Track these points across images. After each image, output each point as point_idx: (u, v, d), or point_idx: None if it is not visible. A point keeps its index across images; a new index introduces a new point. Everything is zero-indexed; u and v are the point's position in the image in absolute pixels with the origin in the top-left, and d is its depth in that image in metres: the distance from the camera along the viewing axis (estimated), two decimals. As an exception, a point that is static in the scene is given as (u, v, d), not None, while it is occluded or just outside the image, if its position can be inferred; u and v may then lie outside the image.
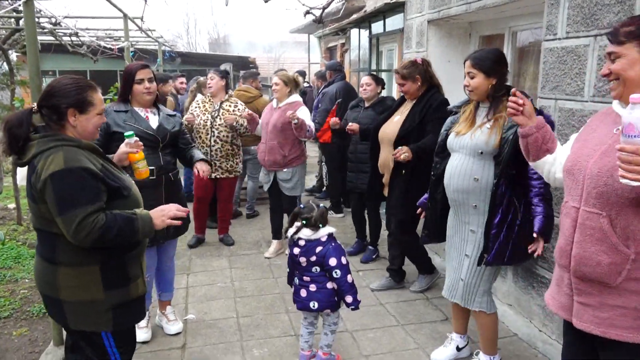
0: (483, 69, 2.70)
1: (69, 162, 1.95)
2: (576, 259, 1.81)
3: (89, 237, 1.93)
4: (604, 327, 1.78)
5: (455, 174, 2.84)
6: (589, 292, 1.81)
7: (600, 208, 1.74)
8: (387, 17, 6.41)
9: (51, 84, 2.09)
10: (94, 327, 2.13)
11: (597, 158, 1.77)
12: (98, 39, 7.19)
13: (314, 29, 11.95)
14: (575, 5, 2.95)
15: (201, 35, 38.65)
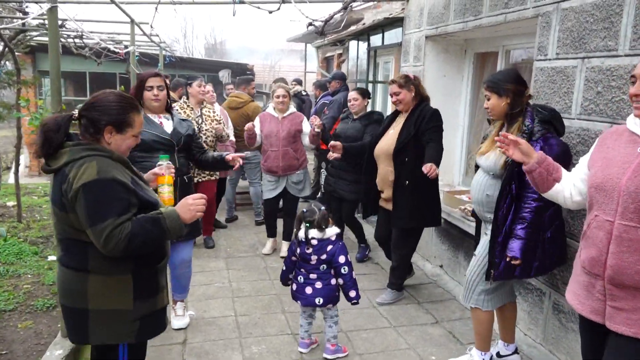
0: (495, 90, 2.91)
1: (102, 172, 1.94)
2: (614, 269, 1.93)
3: (118, 246, 1.92)
4: (635, 328, 1.91)
5: (474, 187, 3.11)
6: (624, 297, 1.93)
7: (637, 222, 1.87)
8: (385, 31, 6.61)
9: (97, 97, 2.10)
10: (115, 339, 2.11)
11: (629, 176, 1.89)
12: (102, 42, 7.31)
13: (312, 38, 12.14)
14: (565, 29, 3.15)
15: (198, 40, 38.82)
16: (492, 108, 2.95)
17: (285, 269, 3.39)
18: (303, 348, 3.40)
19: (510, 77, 2.91)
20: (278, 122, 5.11)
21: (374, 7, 8.80)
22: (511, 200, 2.81)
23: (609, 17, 2.82)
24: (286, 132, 5.08)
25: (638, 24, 2.64)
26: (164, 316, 2.29)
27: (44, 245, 5.38)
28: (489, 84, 2.95)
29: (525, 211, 2.76)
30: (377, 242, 4.55)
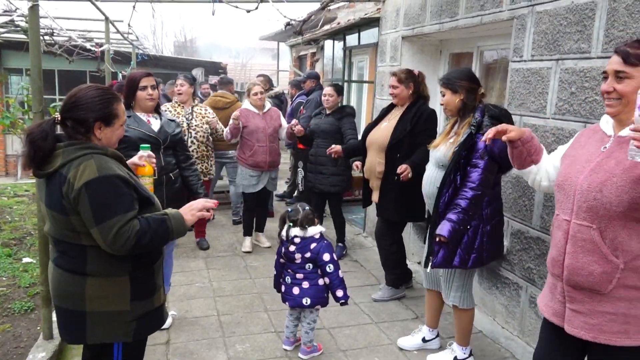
0: (449, 87, 3.06)
1: (102, 170, 1.92)
2: (569, 269, 1.91)
3: (127, 244, 1.91)
4: (594, 333, 1.88)
5: (426, 181, 3.23)
6: (581, 300, 1.91)
7: (590, 221, 1.85)
8: (361, 31, 6.68)
9: (76, 95, 2.03)
10: (113, 338, 2.09)
11: (587, 174, 1.88)
12: (72, 39, 7.18)
13: (284, 36, 12.16)
14: (540, 31, 3.26)
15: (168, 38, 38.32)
16: (446, 104, 3.10)
17: (275, 273, 3.42)
18: (287, 345, 3.43)
19: (464, 75, 3.07)
20: (261, 118, 5.20)
21: (348, 7, 8.87)
22: (454, 190, 2.93)
23: (582, 20, 2.94)
24: (272, 129, 5.25)
25: (610, 28, 2.76)
26: (162, 313, 2.28)
27: (18, 247, 5.26)
28: (444, 80, 3.10)
29: (461, 198, 2.88)
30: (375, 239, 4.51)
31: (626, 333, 1.84)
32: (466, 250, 2.95)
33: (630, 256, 1.81)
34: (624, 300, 1.84)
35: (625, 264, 1.81)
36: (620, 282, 1.83)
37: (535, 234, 3.32)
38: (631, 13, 2.64)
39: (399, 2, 5.19)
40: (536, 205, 3.32)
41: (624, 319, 1.84)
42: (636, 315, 1.83)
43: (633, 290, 1.83)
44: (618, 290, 1.84)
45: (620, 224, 1.80)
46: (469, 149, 2.90)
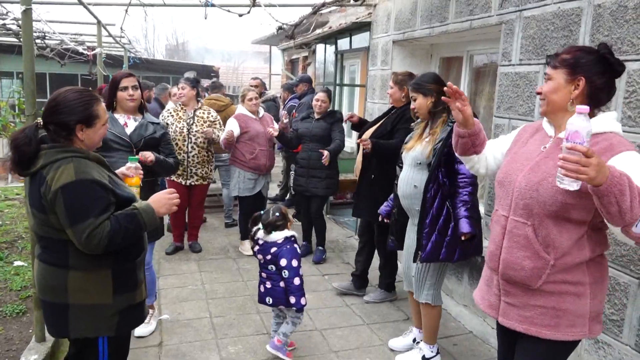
0: (420, 91, 3.15)
1: (80, 174, 1.96)
2: (504, 263, 1.98)
3: (100, 244, 1.96)
4: (526, 325, 1.94)
5: (402, 183, 3.30)
6: (514, 293, 1.97)
7: (525, 218, 1.91)
8: (353, 35, 6.73)
9: (56, 99, 2.06)
10: (96, 332, 2.13)
11: (525, 172, 1.93)
12: (64, 43, 7.17)
13: (277, 40, 12.20)
14: (528, 36, 3.32)
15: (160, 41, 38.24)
16: (418, 108, 3.20)
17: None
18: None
19: (432, 79, 3.20)
20: (259, 122, 5.28)
21: (339, 11, 8.93)
22: (438, 186, 3.03)
23: (568, 25, 3.00)
24: (270, 133, 5.21)
25: (595, 33, 2.82)
26: (143, 309, 2.32)
27: (9, 250, 5.24)
28: (414, 86, 3.20)
29: (464, 195, 3.02)
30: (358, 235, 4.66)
31: (556, 327, 1.90)
32: (451, 244, 3.03)
33: (560, 253, 1.87)
34: (555, 294, 1.90)
35: (555, 260, 1.87)
36: (549, 277, 1.89)
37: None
38: (615, 19, 2.70)
39: (390, 6, 5.25)
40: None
41: (555, 313, 1.90)
42: (566, 309, 1.89)
43: (563, 284, 1.89)
44: (548, 285, 1.90)
45: (553, 222, 1.86)
46: (450, 145, 2.94)
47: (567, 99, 1.87)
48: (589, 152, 1.50)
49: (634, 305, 2.66)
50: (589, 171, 1.51)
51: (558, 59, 1.90)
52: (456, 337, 3.73)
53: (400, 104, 4.05)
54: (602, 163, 1.52)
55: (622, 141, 1.81)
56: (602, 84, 1.85)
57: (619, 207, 1.55)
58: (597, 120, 1.84)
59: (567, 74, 1.87)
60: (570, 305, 1.89)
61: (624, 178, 1.55)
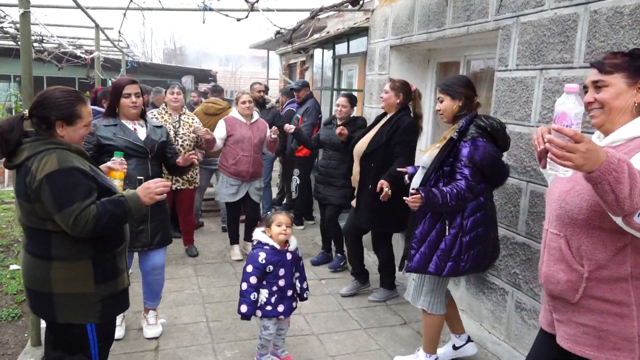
0: (449, 93, 3.05)
1: (62, 162, 2.10)
2: (544, 277, 1.94)
3: (86, 227, 2.08)
4: (570, 343, 1.87)
5: (414, 184, 3.21)
6: (559, 309, 1.92)
7: (558, 229, 1.87)
8: (350, 40, 6.75)
9: (43, 95, 2.21)
10: (82, 319, 2.25)
11: (563, 183, 1.88)
12: (61, 46, 7.17)
13: (274, 45, 12.22)
14: (525, 41, 3.34)
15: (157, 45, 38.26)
16: (444, 110, 3.08)
17: None
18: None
19: (463, 82, 3.08)
20: (248, 127, 5.19)
21: (337, 16, 8.96)
22: None
23: (564, 31, 3.02)
24: (258, 139, 5.24)
25: (591, 39, 2.84)
26: (126, 297, 2.46)
27: (5, 254, 5.23)
28: (443, 86, 3.10)
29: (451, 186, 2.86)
30: (343, 234, 4.69)
31: (599, 348, 1.81)
32: (442, 258, 2.95)
33: (595, 265, 1.78)
34: (595, 313, 1.81)
35: (589, 273, 1.79)
36: (586, 292, 1.81)
37: (521, 239, 3.38)
38: (611, 24, 2.72)
39: (388, 12, 5.27)
40: (521, 212, 3.38)
41: (597, 333, 1.81)
42: (608, 330, 1.79)
43: (602, 302, 1.79)
44: (587, 300, 1.81)
45: (584, 232, 1.79)
46: (453, 156, 2.95)
47: (630, 104, 1.79)
48: (576, 136, 1.42)
49: None
50: (575, 158, 1.42)
51: (609, 64, 1.81)
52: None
53: (393, 110, 4.06)
54: (593, 149, 1.42)
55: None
56: None
57: (615, 196, 1.45)
58: (636, 123, 1.77)
59: (627, 77, 1.79)
60: (612, 327, 1.77)
61: (622, 165, 1.44)
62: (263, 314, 3.18)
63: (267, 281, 3.15)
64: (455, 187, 2.87)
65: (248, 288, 3.13)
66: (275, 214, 3.23)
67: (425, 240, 2.99)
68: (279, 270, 3.14)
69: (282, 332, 3.36)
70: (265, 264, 3.11)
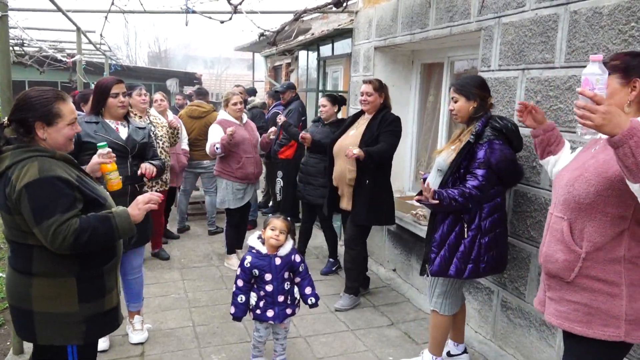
0: (463, 93, 3.02)
1: (44, 172, 1.97)
2: (544, 257, 2.10)
3: (65, 242, 1.95)
4: (561, 320, 2.01)
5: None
6: (553, 287, 2.06)
7: (563, 213, 2.02)
8: (335, 42, 6.75)
9: (19, 98, 2.10)
10: (63, 340, 2.12)
11: (571, 171, 2.04)
12: (42, 50, 7.08)
13: (260, 47, 12.18)
14: (507, 42, 3.36)
15: (142, 48, 37.98)
16: (458, 110, 3.03)
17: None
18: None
19: (477, 83, 3.04)
20: (244, 129, 5.15)
21: (322, 18, 8.97)
22: None
23: (545, 31, 3.05)
24: (255, 139, 5.22)
25: (571, 39, 2.87)
26: (115, 315, 2.30)
27: (-14, 261, 5.14)
28: (457, 86, 3.04)
29: (463, 187, 2.87)
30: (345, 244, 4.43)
31: (588, 324, 1.93)
32: (462, 260, 2.94)
33: (593, 247, 1.92)
34: (588, 291, 1.94)
35: (587, 254, 1.93)
36: (582, 271, 1.94)
37: (506, 239, 3.40)
38: (591, 25, 2.75)
39: (371, 13, 5.28)
40: (507, 212, 3.40)
41: (587, 310, 1.94)
42: (599, 308, 1.92)
43: (596, 281, 1.92)
44: (581, 279, 1.95)
45: (588, 215, 1.92)
46: (469, 158, 2.93)
47: (624, 102, 1.90)
48: (596, 98, 1.54)
49: None
50: (595, 118, 1.53)
51: (608, 66, 1.88)
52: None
53: (375, 110, 4.10)
54: (613, 112, 1.54)
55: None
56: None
57: (635, 159, 1.53)
58: None
59: (621, 77, 1.91)
60: (603, 305, 1.91)
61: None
62: (253, 316, 3.19)
63: (257, 285, 3.14)
64: (463, 187, 2.88)
65: (236, 290, 3.15)
66: (273, 217, 3.19)
67: (445, 243, 2.97)
68: (264, 275, 3.10)
69: (278, 337, 3.29)
70: (250, 268, 3.10)
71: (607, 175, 1.85)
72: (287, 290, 3.16)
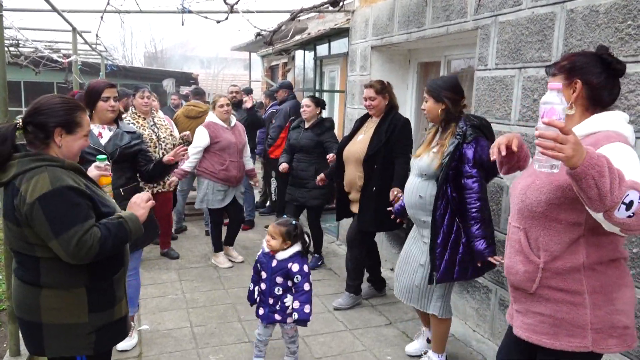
0: (433, 95, 3.05)
1: (55, 182, 1.91)
2: (506, 269, 2.04)
3: (90, 252, 1.91)
4: (528, 332, 1.94)
5: (408, 191, 3.23)
6: (519, 299, 2.00)
7: (519, 222, 1.96)
8: (332, 41, 6.75)
9: (40, 102, 2.05)
10: (73, 351, 2.08)
11: (524, 179, 1.99)
12: (38, 50, 7.05)
13: (256, 47, 12.18)
14: (503, 40, 3.36)
15: (138, 49, 37.89)
16: (428, 110, 3.11)
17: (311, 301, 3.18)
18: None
19: (449, 85, 3.06)
20: (231, 132, 5.15)
21: (318, 17, 8.96)
22: (447, 202, 2.96)
23: (542, 30, 3.05)
24: (242, 144, 5.25)
25: (568, 37, 2.87)
26: (124, 325, 2.25)
27: (-17, 263, 5.11)
28: (428, 87, 3.11)
29: (473, 211, 2.89)
30: (346, 242, 4.46)
31: (555, 335, 1.87)
32: (463, 264, 2.97)
33: (550, 257, 1.86)
34: (551, 302, 1.88)
35: (545, 264, 1.87)
36: (542, 281, 1.89)
37: (503, 237, 3.38)
38: (588, 23, 2.75)
39: (368, 12, 5.27)
40: (503, 210, 3.40)
41: (553, 322, 1.88)
42: (563, 318, 1.86)
43: (557, 291, 1.87)
44: (543, 290, 1.89)
45: (542, 224, 1.87)
46: (458, 159, 2.94)
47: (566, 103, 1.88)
48: (565, 129, 1.46)
49: None
50: (566, 149, 1.45)
51: (556, 67, 1.93)
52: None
53: (382, 113, 4.02)
54: (579, 142, 1.47)
55: (610, 135, 1.77)
56: (600, 83, 1.85)
57: (598, 190, 1.48)
58: (591, 120, 1.85)
59: (564, 78, 1.89)
60: (567, 315, 1.85)
61: (602, 159, 1.48)
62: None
63: (259, 280, 3.22)
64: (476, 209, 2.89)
65: (252, 277, 3.30)
66: (274, 222, 3.21)
67: (447, 248, 2.98)
68: (262, 272, 3.18)
69: (285, 337, 3.27)
70: (257, 260, 3.24)
71: (558, 183, 1.79)
72: (277, 295, 3.12)
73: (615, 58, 1.88)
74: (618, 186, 1.48)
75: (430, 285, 3.09)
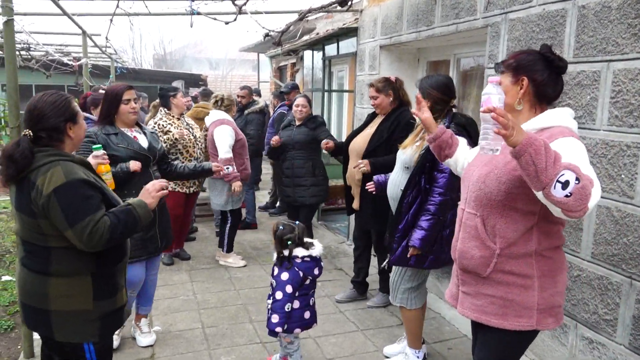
0: (421, 91, 3.10)
1: (69, 175, 2.02)
2: (459, 253, 2.12)
3: (102, 239, 2.02)
4: (477, 313, 2.06)
5: (390, 183, 3.29)
6: (469, 282, 2.10)
7: (475, 209, 2.05)
8: (340, 41, 6.74)
9: (37, 107, 2.08)
10: (80, 338, 2.17)
11: (480, 167, 2.07)
12: (49, 54, 7.11)
13: (265, 47, 12.20)
14: (514, 38, 3.33)
15: (147, 51, 38.08)
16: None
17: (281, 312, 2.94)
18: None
19: (436, 85, 3.09)
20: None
21: (326, 17, 8.96)
22: (418, 192, 3.02)
23: (553, 27, 3.02)
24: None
25: (580, 34, 2.84)
26: (122, 313, 2.36)
27: (-4, 265, 5.17)
28: (417, 84, 3.18)
29: (431, 204, 2.97)
30: (353, 241, 4.53)
31: (504, 316, 2.00)
32: (423, 252, 3.02)
33: (506, 243, 1.97)
34: (503, 285, 2.00)
35: (501, 250, 1.98)
36: (497, 266, 2.00)
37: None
38: (600, 19, 2.72)
39: (376, 11, 5.26)
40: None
41: (503, 303, 2.00)
42: (513, 300, 1.99)
43: (510, 275, 1.99)
44: (496, 274, 2.01)
45: (500, 212, 1.97)
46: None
47: (514, 100, 1.99)
48: (500, 110, 1.62)
49: (626, 305, 2.66)
50: (505, 123, 1.60)
51: (504, 65, 2.02)
52: (451, 341, 3.72)
53: (389, 110, 4.01)
54: (517, 123, 1.63)
55: (563, 131, 1.89)
56: (544, 80, 1.96)
57: (535, 167, 1.60)
58: (544, 115, 1.96)
59: (511, 76, 1.99)
60: (517, 297, 1.98)
61: (540, 140, 1.61)
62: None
63: None
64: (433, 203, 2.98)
65: None
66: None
67: (406, 236, 3.04)
68: None
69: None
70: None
71: (516, 172, 1.87)
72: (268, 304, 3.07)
73: (558, 56, 1.98)
74: (552, 164, 1.59)
75: (388, 271, 3.12)
